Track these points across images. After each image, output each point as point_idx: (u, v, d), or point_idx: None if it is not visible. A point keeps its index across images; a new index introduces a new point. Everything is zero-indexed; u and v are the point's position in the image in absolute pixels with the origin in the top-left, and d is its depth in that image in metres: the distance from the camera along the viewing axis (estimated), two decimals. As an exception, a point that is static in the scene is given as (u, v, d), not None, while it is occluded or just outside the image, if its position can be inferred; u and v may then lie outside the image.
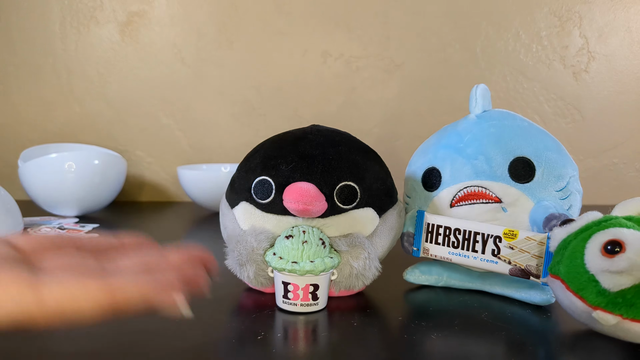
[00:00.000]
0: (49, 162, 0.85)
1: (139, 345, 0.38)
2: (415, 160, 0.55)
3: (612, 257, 0.33)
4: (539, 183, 0.46)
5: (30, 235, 0.26)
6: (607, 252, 0.34)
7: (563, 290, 0.37)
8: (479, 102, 0.53)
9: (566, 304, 0.38)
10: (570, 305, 0.37)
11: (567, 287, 0.36)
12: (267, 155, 0.48)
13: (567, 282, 0.36)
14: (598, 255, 0.34)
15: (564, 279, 0.37)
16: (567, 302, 0.37)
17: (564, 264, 0.37)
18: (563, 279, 0.37)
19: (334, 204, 0.45)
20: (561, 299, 0.38)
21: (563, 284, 0.37)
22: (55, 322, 0.21)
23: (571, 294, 0.36)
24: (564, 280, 0.37)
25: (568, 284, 0.36)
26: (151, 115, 1.07)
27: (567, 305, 0.38)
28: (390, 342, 0.39)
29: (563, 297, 0.37)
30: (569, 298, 0.37)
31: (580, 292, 0.35)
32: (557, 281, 0.38)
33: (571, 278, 0.36)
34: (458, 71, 1.01)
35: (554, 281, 0.38)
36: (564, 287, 0.37)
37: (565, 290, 0.37)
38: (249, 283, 0.48)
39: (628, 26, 0.98)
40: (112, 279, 0.22)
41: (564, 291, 0.37)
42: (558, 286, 0.38)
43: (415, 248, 0.50)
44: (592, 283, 0.35)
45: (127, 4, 1.03)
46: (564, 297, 0.37)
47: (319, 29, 1.02)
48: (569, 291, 0.36)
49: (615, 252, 0.33)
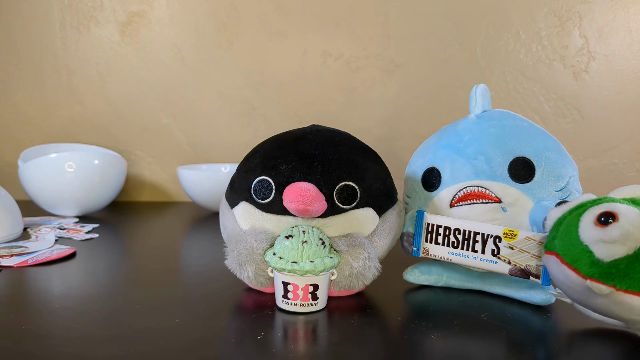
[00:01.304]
0: (49, 162, 0.85)
1: (139, 345, 0.38)
2: (415, 160, 0.55)
3: (605, 227, 0.34)
4: (538, 183, 0.46)
5: None
6: (600, 222, 0.34)
7: (558, 265, 0.37)
8: (478, 102, 0.53)
9: (560, 279, 0.37)
10: (564, 279, 0.37)
11: (562, 260, 0.36)
12: (267, 155, 0.48)
13: (562, 255, 0.37)
14: (592, 226, 0.35)
15: (559, 252, 0.37)
16: (561, 276, 0.37)
17: (559, 238, 0.37)
18: (558, 252, 0.37)
19: (334, 204, 0.45)
20: (556, 275, 0.38)
21: (558, 257, 0.37)
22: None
23: (565, 266, 0.36)
24: (559, 254, 0.37)
25: (562, 257, 0.36)
26: (151, 115, 1.07)
27: (561, 280, 0.37)
28: (390, 342, 0.39)
29: (557, 272, 0.37)
30: (563, 271, 0.36)
31: (574, 263, 0.35)
32: (552, 256, 0.38)
33: (566, 250, 0.36)
34: (458, 71, 1.01)
35: (549, 258, 0.38)
36: (559, 260, 0.37)
37: (559, 263, 0.37)
38: (249, 283, 0.48)
39: (628, 26, 0.98)
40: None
41: (558, 265, 0.37)
42: (553, 262, 0.38)
43: (415, 248, 0.50)
44: (585, 254, 0.35)
45: (127, 4, 1.04)
46: (559, 272, 0.37)
47: (319, 29, 1.02)
48: (564, 264, 0.36)
49: (609, 223, 0.34)
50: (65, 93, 1.07)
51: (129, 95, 1.07)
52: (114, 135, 1.08)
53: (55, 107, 1.07)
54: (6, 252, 0.62)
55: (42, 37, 1.05)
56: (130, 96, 1.07)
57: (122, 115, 1.07)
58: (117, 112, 1.07)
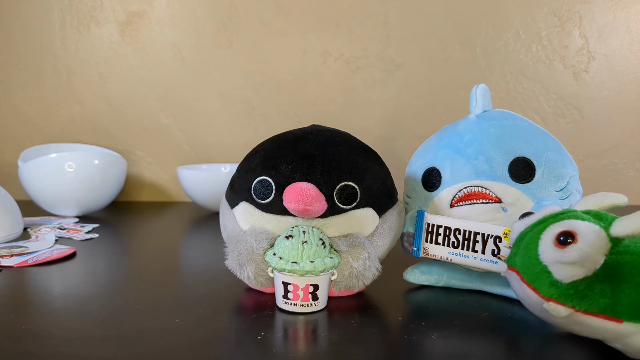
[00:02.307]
0: (49, 162, 0.85)
1: (139, 345, 0.38)
2: (415, 160, 0.55)
3: (564, 247, 0.33)
4: (539, 183, 0.46)
5: None
6: (559, 243, 0.33)
7: (518, 282, 0.36)
8: (479, 102, 0.53)
9: (521, 296, 0.37)
10: (524, 297, 0.36)
11: (522, 278, 0.36)
12: (267, 155, 0.48)
13: (522, 274, 0.36)
14: (551, 246, 0.34)
15: (519, 270, 0.36)
16: (521, 293, 0.37)
17: (520, 255, 0.37)
18: (518, 270, 0.37)
19: (334, 204, 0.45)
20: (517, 291, 0.37)
21: (518, 275, 0.36)
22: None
23: (525, 285, 0.36)
24: (519, 272, 0.36)
25: (522, 275, 0.36)
26: (151, 115, 1.07)
27: (522, 297, 0.37)
28: (390, 342, 0.39)
29: (518, 289, 0.37)
30: (523, 289, 0.36)
31: (534, 283, 0.35)
32: (513, 273, 0.37)
33: (525, 269, 0.36)
34: (458, 71, 1.01)
35: (510, 274, 0.38)
36: (519, 278, 0.36)
37: (520, 281, 0.36)
38: (249, 283, 0.48)
39: (628, 26, 0.98)
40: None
41: (519, 282, 0.36)
42: (514, 278, 0.37)
43: (415, 248, 0.50)
44: (545, 274, 0.34)
45: (127, 4, 1.03)
46: (519, 289, 0.37)
47: (319, 29, 1.02)
48: (524, 282, 0.36)
49: (568, 243, 0.33)
50: (65, 93, 1.07)
51: (129, 95, 1.07)
52: (114, 135, 1.08)
53: (55, 107, 1.07)
54: (6, 252, 0.62)
55: (42, 37, 1.05)
56: (130, 96, 1.07)
57: (122, 115, 1.07)
58: (117, 112, 1.07)
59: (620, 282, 0.33)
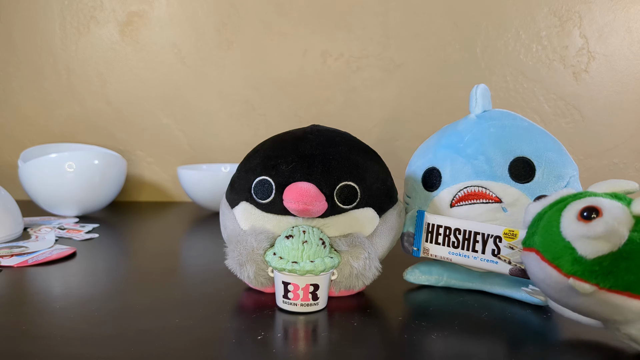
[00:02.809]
0: (49, 162, 0.85)
1: (139, 345, 0.37)
2: (415, 160, 0.55)
3: (589, 222, 0.32)
4: (539, 183, 0.46)
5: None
6: (583, 218, 0.32)
7: (538, 262, 0.35)
8: (479, 102, 0.53)
9: (540, 277, 0.36)
10: (545, 278, 0.35)
11: (542, 257, 0.35)
12: (267, 155, 0.48)
13: (543, 252, 0.35)
14: (574, 221, 0.33)
15: (539, 249, 0.35)
16: (541, 274, 0.35)
17: (539, 234, 0.35)
18: (538, 249, 0.35)
19: (334, 204, 0.45)
20: (535, 273, 0.36)
21: (538, 254, 0.35)
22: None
23: (546, 264, 0.34)
24: (539, 251, 0.35)
25: (543, 254, 0.35)
26: (151, 115, 1.07)
27: (541, 278, 0.35)
28: (390, 342, 0.39)
29: (537, 270, 0.35)
30: (543, 269, 0.35)
31: (556, 261, 0.34)
32: (532, 253, 0.36)
33: (546, 247, 0.35)
34: (458, 71, 1.01)
35: (528, 254, 0.36)
36: (539, 257, 0.35)
37: (540, 261, 0.35)
38: (249, 283, 0.48)
39: (628, 26, 0.98)
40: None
41: (538, 262, 0.35)
42: (532, 259, 0.36)
43: (415, 248, 0.50)
44: (568, 250, 0.33)
45: (127, 4, 1.03)
46: (539, 269, 0.35)
47: (319, 29, 1.02)
48: (544, 261, 0.34)
49: (592, 218, 0.32)
50: (65, 93, 1.07)
51: (129, 95, 1.07)
52: (114, 135, 1.08)
53: (55, 107, 1.07)
54: (6, 252, 0.62)
55: (42, 37, 1.05)
56: (130, 96, 1.07)
57: (122, 115, 1.07)
58: (117, 112, 1.07)
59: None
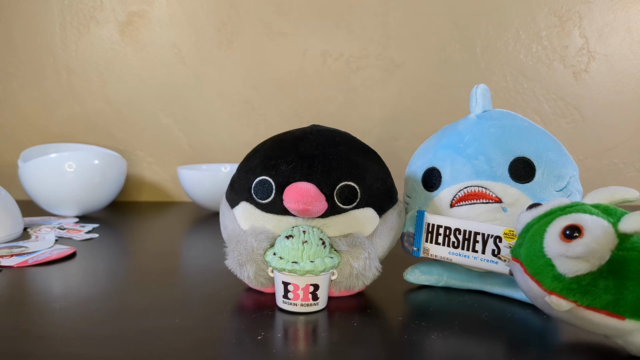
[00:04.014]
0: (49, 162, 0.85)
1: (139, 345, 0.37)
2: (415, 160, 0.55)
3: (569, 241, 0.32)
4: (539, 183, 0.46)
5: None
6: (565, 236, 0.33)
7: (521, 273, 0.36)
8: (479, 102, 0.53)
9: (524, 288, 0.37)
10: (527, 289, 0.36)
11: (525, 270, 0.36)
12: (267, 155, 0.48)
13: (525, 265, 0.36)
14: (556, 240, 0.33)
15: (523, 262, 0.36)
16: (524, 285, 0.37)
17: (524, 247, 0.36)
18: (522, 261, 0.36)
19: (334, 204, 0.45)
20: (519, 282, 0.37)
21: (522, 266, 0.36)
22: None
23: (528, 277, 0.36)
24: (523, 263, 0.36)
25: (526, 267, 0.36)
26: (151, 115, 1.07)
27: (524, 289, 0.37)
28: (390, 342, 0.39)
29: (521, 281, 0.37)
30: (526, 281, 0.36)
31: (537, 275, 0.35)
32: (517, 264, 0.37)
33: (529, 261, 0.36)
34: (458, 71, 1.01)
35: (514, 264, 0.38)
36: (522, 270, 0.36)
37: (523, 273, 0.36)
38: (249, 283, 0.48)
39: (628, 26, 0.98)
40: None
41: (522, 274, 0.36)
42: (517, 270, 0.37)
43: (415, 248, 0.50)
44: (548, 267, 0.34)
45: (127, 4, 1.03)
46: (522, 281, 0.37)
47: (319, 29, 1.02)
48: (527, 274, 0.36)
49: (574, 237, 0.32)
50: (65, 93, 1.07)
51: (129, 95, 1.07)
52: (114, 135, 1.08)
53: (55, 107, 1.07)
54: (6, 252, 0.62)
55: (42, 37, 1.05)
56: (130, 96, 1.06)
57: (122, 115, 1.07)
58: (117, 112, 1.07)
59: (625, 278, 0.32)
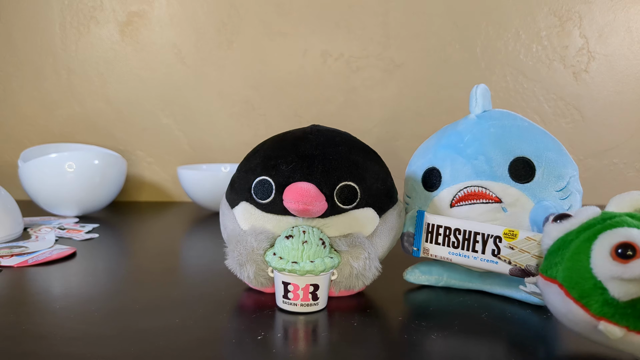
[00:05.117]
0: (49, 162, 0.85)
1: (139, 345, 0.37)
2: (415, 160, 0.55)
3: (626, 262, 0.29)
4: (539, 183, 0.46)
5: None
6: (618, 256, 0.29)
7: (561, 296, 0.33)
8: (479, 102, 0.53)
9: (562, 312, 0.33)
10: (567, 314, 0.33)
11: (567, 293, 0.32)
12: (267, 155, 0.48)
13: (568, 288, 0.32)
14: (608, 259, 0.30)
15: (564, 283, 0.32)
16: (564, 309, 0.33)
17: (565, 266, 0.33)
18: (562, 283, 0.32)
19: (334, 204, 0.45)
20: (556, 306, 0.34)
21: (562, 288, 0.32)
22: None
23: (572, 301, 0.32)
24: (564, 286, 0.32)
25: (569, 290, 0.32)
26: (151, 115, 1.07)
27: (563, 313, 0.33)
28: (390, 342, 0.39)
29: (560, 305, 0.33)
30: (568, 306, 0.32)
31: (583, 300, 0.31)
32: (555, 285, 0.33)
33: (573, 283, 0.32)
34: (458, 71, 1.01)
35: (549, 285, 0.34)
36: (563, 292, 0.32)
37: (564, 296, 0.32)
38: (249, 283, 0.48)
39: (628, 26, 0.98)
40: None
41: (562, 297, 0.32)
42: (555, 292, 0.33)
43: (415, 248, 0.50)
44: (598, 290, 0.30)
45: (127, 4, 1.03)
46: (562, 304, 0.33)
47: (319, 29, 1.02)
48: (569, 298, 0.32)
49: (629, 257, 0.29)
50: (65, 93, 1.07)
51: (129, 95, 1.06)
52: (114, 135, 1.08)
53: (55, 107, 1.07)
54: (6, 252, 0.62)
55: (42, 37, 1.05)
56: (130, 96, 1.06)
57: (122, 115, 1.07)
58: (117, 112, 1.07)
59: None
